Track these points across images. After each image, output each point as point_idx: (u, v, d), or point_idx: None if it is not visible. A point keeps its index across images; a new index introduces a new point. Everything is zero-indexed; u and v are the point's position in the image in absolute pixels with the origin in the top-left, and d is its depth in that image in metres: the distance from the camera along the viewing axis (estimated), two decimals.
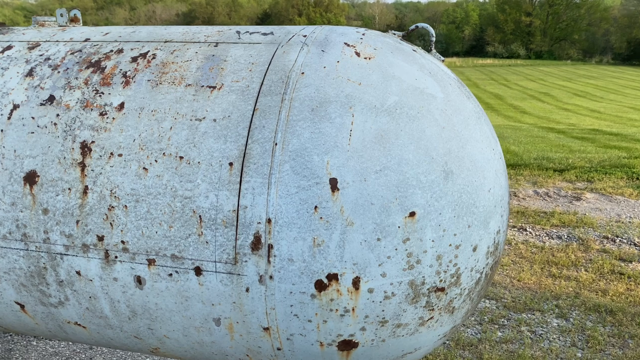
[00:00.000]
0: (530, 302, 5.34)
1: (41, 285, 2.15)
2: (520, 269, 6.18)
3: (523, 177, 10.40)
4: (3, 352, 4.27)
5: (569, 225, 7.69)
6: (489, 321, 4.99)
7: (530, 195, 9.27)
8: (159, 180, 1.93)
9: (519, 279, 5.91)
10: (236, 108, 1.94)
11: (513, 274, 6.04)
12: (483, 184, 2.02)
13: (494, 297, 5.44)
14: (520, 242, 7.10)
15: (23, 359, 4.20)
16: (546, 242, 7.12)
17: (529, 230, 7.58)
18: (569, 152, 12.74)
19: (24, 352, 4.26)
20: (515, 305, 5.29)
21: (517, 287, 5.72)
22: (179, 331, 2.10)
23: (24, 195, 2.06)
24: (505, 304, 5.31)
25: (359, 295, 1.88)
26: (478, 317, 5.06)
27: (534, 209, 8.53)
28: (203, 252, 1.91)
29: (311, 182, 1.82)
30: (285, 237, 1.83)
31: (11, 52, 2.32)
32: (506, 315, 5.11)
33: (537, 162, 11.36)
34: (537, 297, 5.47)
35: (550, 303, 5.35)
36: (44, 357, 4.20)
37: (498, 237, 2.15)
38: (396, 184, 1.84)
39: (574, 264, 6.34)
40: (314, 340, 1.97)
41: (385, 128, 1.88)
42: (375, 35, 2.18)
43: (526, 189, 9.59)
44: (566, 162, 11.26)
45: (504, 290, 5.62)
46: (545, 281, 5.87)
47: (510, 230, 7.58)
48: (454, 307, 2.06)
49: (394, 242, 1.85)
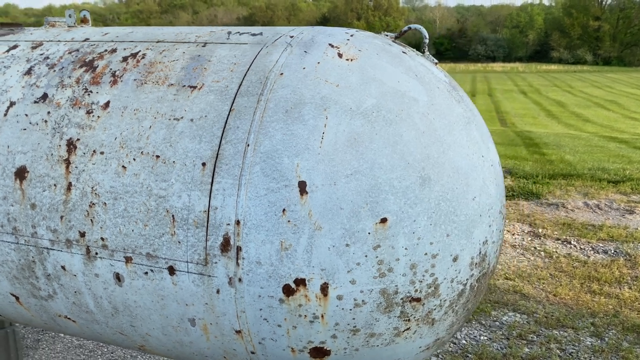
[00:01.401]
0: (564, 319, 5.09)
1: (31, 279, 2.22)
2: (558, 283, 5.90)
3: (574, 187, 9.95)
4: (32, 342, 4.46)
5: (617, 240, 7.29)
6: (517, 336, 4.79)
7: (580, 207, 8.86)
8: (136, 178, 1.95)
9: (555, 294, 5.65)
10: (213, 108, 1.93)
11: (549, 288, 5.77)
12: (466, 192, 1.93)
13: (525, 312, 5.22)
14: (562, 255, 6.79)
15: (49, 349, 4.37)
16: (590, 257, 6.77)
17: (573, 243, 7.24)
18: (627, 162, 12.09)
19: (51, 343, 4.44)
20: (547, 320, 5.05)
21: (552, 302, 5.46)
22: (159, 330, 2.12)
23: (14, 189, 2.13)
24: (536, 319, 5.08)
25: (328, 302, 1.83)
26: (506, 331, 4.86)
27: (582, 221, 8.15)
28: (176, 251, 1.91)
29: (280, 184, 1.79)
30: (254, 240, 1.81)
31: (15, 51, 2.41)
32: (536, 330, 4.89)
33: (591, 172, 10.84)
34: (572, 314, 5.20)
35: (585, 320, 5.08)
36: (69, 348, 4.35)
37: (485, 248, 2.04)
38: (367, 189, 1.78)
39: (617, 280, 6.00)
40: (285, 345, 1.93)
41: (360, 131, 1.83)
42: (364, 36, 2.13)
43: (576, 200, 9.17)
44: (622, 173, 10.69)
45: (537, 304, 5.38)
46: (583, 297, 5.57)
47: (553, 242, 7.26)
48: (433, 318, 1.98)
49: (364, 249, 1.79)
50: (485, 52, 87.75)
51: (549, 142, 15.71)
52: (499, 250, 2.22)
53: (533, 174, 10.62)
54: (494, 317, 5.11)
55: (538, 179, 10.30)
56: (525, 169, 11.09)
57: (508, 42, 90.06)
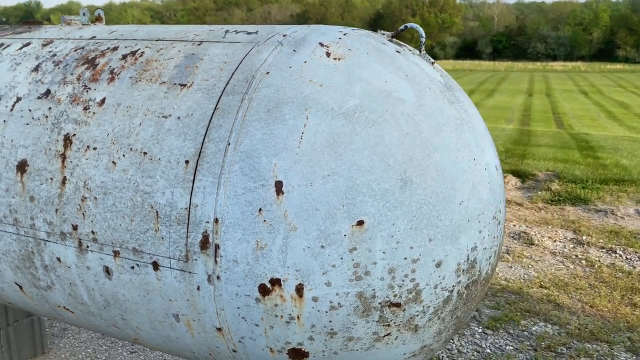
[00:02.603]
0: (598, 332, 4.85)
1: (31, 269, 2.30)
2: (597, 294, 5.63)
3: (626, 194, 9.47)
4: (59, 331, 4.63)
5: None
6: (546, 347, 4.60)
7: (630, 215, 8.43)
8: (125, 174, 1.99)
9: (591, 305, 5.39)
10: (200, 106, 1.94)
11: (586, 299, 5.52)
12: (452, 196, 1.86)
13: (557, 322, 5.01)
14: (605, 265, 6.48)
15: (74, 338, 4.53)
16: (636, 267, 6.43)
17: (619, 252, 6.90)
18: None
19: (76, 333, 4.60)
20: (580, 333, 4.83)
21: (588, 314, 5.22)
22: (147, 324, 2.15)
23: (15, 182, 2.21)
24: (568, 331, 4.86)
25: (303, 303, 1.81)
26: (534, 341, 4.69)
27: (631, 229, 7.75)
28: (159, 247, 1.94)
29: (257, 184, 1.78)
30: (231, 238, 1.80)
31: (28, 48, 2.51)
32: (567, 343, 4.69)
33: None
34: (607, 327, 4.96)
35: (622, 335, 4.83)
36: (92, 339, 4.50)
37: (474, 254, 1.96)
38: (344, 191, 1.75)
39: None
40: (263, 345, 1.92)
41: (339, 132, 1.79)
42: (357, 35, 2.09)
43: (627, 207, 8.74)
44: None
45: (571, 315, 5.16)
46: (622, 310, 5.30)
47: (597, 251, 6.94)
48: (416, 325, 1.92)
49: (339, 251, 1.76)
50: (545, 50, 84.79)
51: (605, 146, 15.03)
52: (494, 257, 2.13)
53: (583, 178, 10.18)
54: (523, 326, 4.93)
55: (588, 184, 9.86)
56: (575, 172, 10.65)
57: (570, 40, 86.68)
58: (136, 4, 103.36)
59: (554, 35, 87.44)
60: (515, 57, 79.60)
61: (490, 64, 70.93)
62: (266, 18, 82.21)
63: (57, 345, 4.40)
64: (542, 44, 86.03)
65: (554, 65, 71.69)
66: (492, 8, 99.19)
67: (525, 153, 13.00)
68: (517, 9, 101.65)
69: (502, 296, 5.52)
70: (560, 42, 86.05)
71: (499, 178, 2.13)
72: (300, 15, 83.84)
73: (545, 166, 11.16)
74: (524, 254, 6.70)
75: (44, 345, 4.28)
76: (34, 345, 4.22)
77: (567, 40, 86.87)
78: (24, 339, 4.12)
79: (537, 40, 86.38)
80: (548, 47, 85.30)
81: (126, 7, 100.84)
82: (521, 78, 48.42)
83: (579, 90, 38.15)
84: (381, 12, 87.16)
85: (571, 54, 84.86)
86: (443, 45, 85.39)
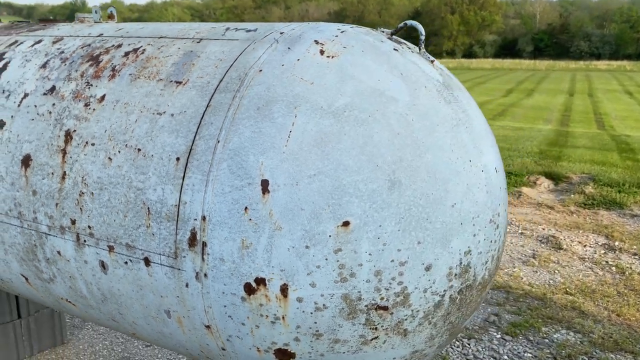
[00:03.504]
0: (623, 342, 4.68)
1: (35, 262, 2.36)
2: (625, 303, 5.43)
3: None
4: (79, 322, 4.74)
5: None
6: (566, 356, 4.47)
7: None
8: (119, 170, 2.01)
9: (618, 314, 5.21)
10: (193, 104, 1.95)
11: (613, 307, 5.33)
12: (444, 198, 1.81)
13: (580, 330, 4.86)
14: (636, 272, 6.25)
15: (93, 330, 4.63)
16: None
17: None
18: None
19: (95, 325, 4.70)
20: (603, 342, 4.67)
21: (614, 323, 5.04)
22: (142, 319, 2.18)
23: (20, 176, 2.27)
24: (591, 340, 4.71)
25: (288, 304, 1.79)
26: (554, 349, 4.56)
27: None
28: (150, 243, 1.95)
29: (244, 182, 1.77)
30: (217, 236, 1.80)
31: (39, 45, 2.56)
32: (589, 352, 4.54)
33: None
34: (634, 337, 4.78)
35: None
36: (110, 332, 4.58)
37: (468, 258, 1.91)
38: (330, 191, 1.72)
39: None
40: (250, 344, 1.92)
41: (328, 131, 1.77)
42: (355, 33, 2.06)
43: None
44: None
45: (595, 323, 4.99)
46: None
47: (629, 257, 6.70)
48: (405, 329, 1.88)
49: (324, 252, 1.73)
50: (589, 48, 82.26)
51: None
52: (492, 262, 2.07)
53: (620, 181, 9.83)
54: (544, 333, 4.80)
55: (624, 188, 9.52)
56: (611, 175, 10.30)
57: (616, 38, 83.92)
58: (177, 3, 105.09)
59: (598, 33, 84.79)
60: (557, 56, 77.55)
61: (530, 62, 69.31)
62: (304, 16, 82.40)
63: (77, 337, 4.51)
64: (585, 42, 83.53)
65: (597, 64, 69.50)
66: (534, 5, 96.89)
67: (561, 155, 12.66)
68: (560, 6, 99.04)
69: (525, 301, 5.38)
70: (605, 41, 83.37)
71: (499, 180, 2.07)
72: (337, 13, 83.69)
73: (580, 168, 10.84)
74: (551, 258, 6.52)
75: (63, 335, 4.39)
76: (53, 336, 4.34)
77: (613, 39, 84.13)
78: (45, 329, 4.24)
79: (580, 38, 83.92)
80: (592, 45, 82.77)
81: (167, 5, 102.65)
82: (563, 77, 47.18)
83: (623, 90, 36.89)
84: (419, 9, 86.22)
85: (616, 52, 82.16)
86: (482, 44, 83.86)
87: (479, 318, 5.00)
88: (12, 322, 4.04)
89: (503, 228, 2.14)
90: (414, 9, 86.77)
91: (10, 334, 4.04)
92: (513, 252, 6.75)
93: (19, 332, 4.10)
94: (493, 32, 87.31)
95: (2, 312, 3.92)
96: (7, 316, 3.98)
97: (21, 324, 4.09)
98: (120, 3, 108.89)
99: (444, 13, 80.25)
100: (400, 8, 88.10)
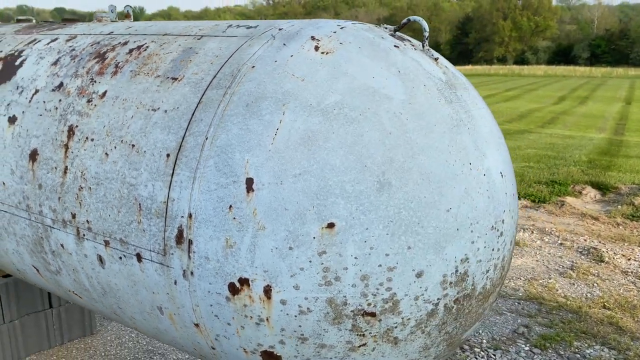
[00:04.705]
0: None
1: (42, 253, 2.40)
2: None
3: None
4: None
5: None
6: None
7: None
8: (115, 166, 2.02)
9: None
10: (185, 100, 1.93)
11: None
12: (438, 202, 1.73)
13: (615, 347, 4.60)
14: None
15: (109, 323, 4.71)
16: None
17: None
18: None
19: None
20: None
21: None
22: (139, 314, 2.18)
23: (28, 170, 2.31)
24: (627, 357, 4.45)
25: (272, 306, 1.75)
26: None
27: None
28: (141, 239, 1.95)
29: (229, 180, 1.74)
30: (202, 234, 1.78)
31: (54, 43, 2.62)
32: None
33: None
34: None
35: None
36: None
37: (465, 266, 1.81)
38: (315, 191, 1.67)
39: None
40: (237, 345, 1.88)
41: (315, 129, 1.71)
42: (354, 29, 2.00)
43: None
44: None
45: (632, 341, 4.72)
46: None
47: None
48: (395, 337, 1.80)
49: (308, 254, 1.68)
50: None
51: None
52: (494, 271, 1.96)
53: None
54: (576, 348, 4.57)
55: None
56: None
57: None
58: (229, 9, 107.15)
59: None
60: (615, 63, 74.62)
61: (585, 69, 66.94)
62: None
63: (105, 328, 4.60)
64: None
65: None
66: (592, 10, 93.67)
67: (611, 164, 12.12)
68: (620, 11, 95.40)
69: (558, 314, 5.14)
70: None
71: (504, 185, 1.96)
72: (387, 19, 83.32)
73: (631, 179, 10.35)
74: (591, 271, 6.22)
75: (92, 326, 4.49)
76: (83, 326, 4.44)
77: None
78: (75, 319, 4.34)
79: None
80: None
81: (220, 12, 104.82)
82: (620, 85, 45.34)
83: None
84: (470, 15, 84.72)
85: None
86: (535, 50, 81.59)
87: (508, 329, 4.81)
88: (44, 312, 4.15)
89: (509, 236, 2.03)
90: (465, 15, 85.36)
91: (42, 322, 4.16)
92: (550, 263, 6.48)
93: (50, 321, 4.21)
94: (547, 38, 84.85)
95: (34, 301, 4.04)
96: (40, 305, 4.10)
97: (52, 313, 4.19)
98: (176, 9, 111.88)
99: (496, 19, 78.51)
100: (451, 14, 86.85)
